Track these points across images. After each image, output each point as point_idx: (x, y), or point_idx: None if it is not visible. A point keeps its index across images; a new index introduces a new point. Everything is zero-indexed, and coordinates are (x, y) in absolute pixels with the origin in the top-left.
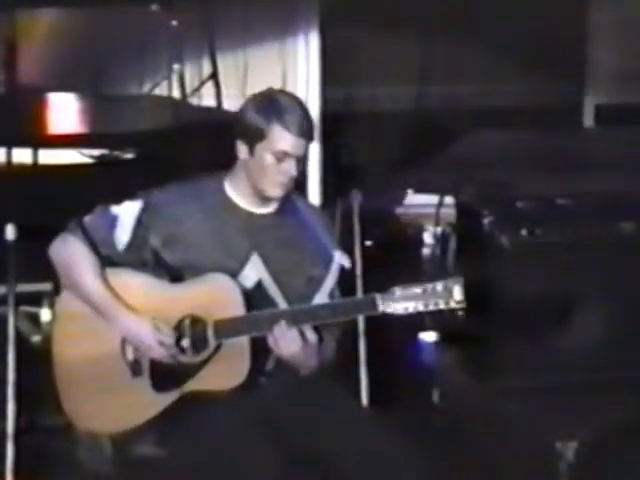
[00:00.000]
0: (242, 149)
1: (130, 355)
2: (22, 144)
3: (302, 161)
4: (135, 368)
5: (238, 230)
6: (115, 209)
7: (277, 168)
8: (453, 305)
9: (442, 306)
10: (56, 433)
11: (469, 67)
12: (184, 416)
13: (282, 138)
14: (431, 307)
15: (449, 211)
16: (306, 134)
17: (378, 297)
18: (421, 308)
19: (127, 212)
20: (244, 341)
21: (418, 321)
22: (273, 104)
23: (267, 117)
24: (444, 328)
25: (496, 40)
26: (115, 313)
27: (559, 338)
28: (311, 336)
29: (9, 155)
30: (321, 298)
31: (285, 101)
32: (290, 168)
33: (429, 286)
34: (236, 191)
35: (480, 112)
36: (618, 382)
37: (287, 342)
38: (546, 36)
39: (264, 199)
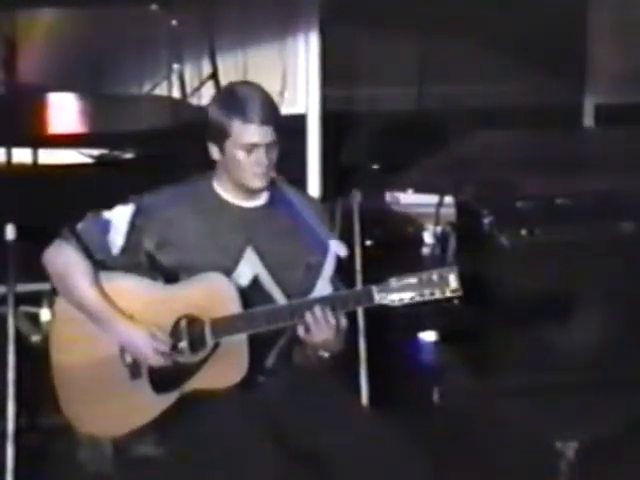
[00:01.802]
0: (214, 150)
1: (128, 357)
2: (22, 144)
3: (274, 147)
4: (134, 370)
5: (231, 226)
6: (107, 214)
7: (249, 161)
8: (449, 294)
9: (438, 295)
10: (56, 433)
11: (469, 67)
12: (184, 415)
13: (245, 131)
14: (427, 297)
15: (449, 211)
16: (269, 120)
17: (374, 288)
18: (417, 298)
19: (120, 216)
20: (242, 339)
21: (418, 321)
22: (231, 99)
23: (227, 113)
24: (444, 328)
25: (496, 40)
26: (110, 322)
27: (559, 338)
28: (343, 320)
29: (9, 155)
30: (322, 284)
31: (243, 92)
32: (261, 158)
33: (424, 276)
34: (224, 188)
35: (480, 112)
36: (618, 382)
37: (320, 329)
38: (546, 36)
39: (251, 192)
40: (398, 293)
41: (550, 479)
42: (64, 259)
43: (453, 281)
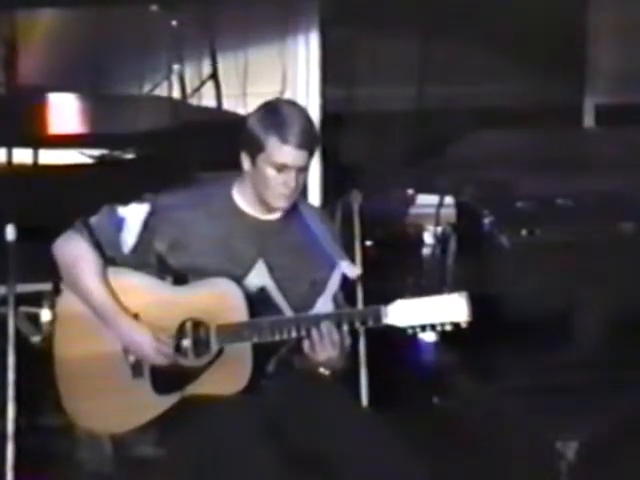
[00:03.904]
0: (245, 160)
1: (131, 356)
2: (22, 144)
3: (304, 171)
4: (136, 369)
5: (244, 237)
6: (122, 211)
7: (278, 180)
8: (457, 321)
9: (446, 320)
10: (56, 433)
11: (469, 67)
12: (185, 417)
13: (280, 150)
14: (435, 321)
15: (449, 211)
16: (306, 145)
17: (382, 309)
18: (425, 322)
19: (134, 215)
20: (246, 347)
21: None
22: (273, 115)
23: (266, 129)
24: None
25: (496, 40)
26: (114, 319)
27: (559, 338)
28: (347, 340)
29: (9, 155)
30: (324, 301)
31: (286, 112)
32: (290, 180)
33: (434, 299)
34: (243, 199)
35: (480, 112)
36: (618, 382)
37: (325, 346)
38: (546, 36)
39: (270, 209)
40: (406, 316)
41: (550, 479)
42: (74, 250)
43: (463, 307)
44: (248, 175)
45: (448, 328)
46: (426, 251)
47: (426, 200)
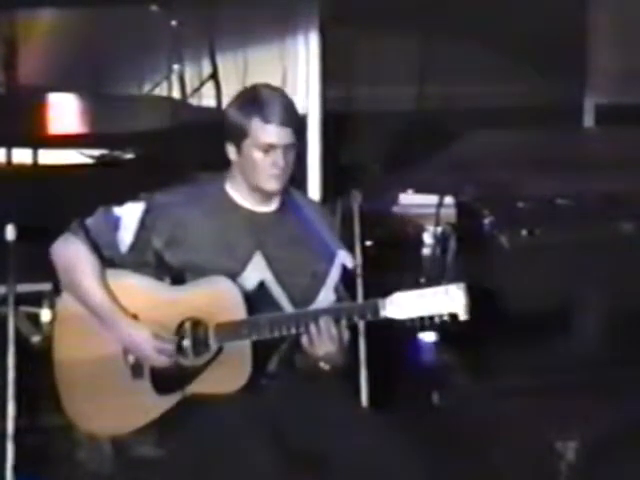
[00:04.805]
0: (231, 150)
1: (131, 357)
2: (22, 144)
3: (292, 149)
4: (136, 370)
5: (241, 231)
6: (118, 211)
7: (266, 162)
8: (455, 311)
9: (444, 312)
10: (56, 433)
11: (469, 67)
12: (185, 417)
13: (263, 131)
14: (433, 313)
15: (449, 211)
16: (288, 122)
17: (380, 302)
18: (424, 314)
19: (130, 214)
20: (246, 344)
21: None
22: (252, 99)
23: (247, 113)
24: (444, 328)
25: (496, 40)
26: (114, 320)
27: (559, 338)
28: (346, 335)
29: (9, 155)
30: (326, 293)
31: (264, 94)
32: (278, 159)
33: (431, 291)
34: (237, 191)
35: (480, 112)
36: (618, 382)
37: (323, 341)
38: (546, 36)
39: (264, 195)
40: (404, 308)
41: (550, 479)
42: (71, 253)
43: (461, 297)
44: (236, 165)
45: (446, 319)
46: (426, 251)
47: (426, 200)
